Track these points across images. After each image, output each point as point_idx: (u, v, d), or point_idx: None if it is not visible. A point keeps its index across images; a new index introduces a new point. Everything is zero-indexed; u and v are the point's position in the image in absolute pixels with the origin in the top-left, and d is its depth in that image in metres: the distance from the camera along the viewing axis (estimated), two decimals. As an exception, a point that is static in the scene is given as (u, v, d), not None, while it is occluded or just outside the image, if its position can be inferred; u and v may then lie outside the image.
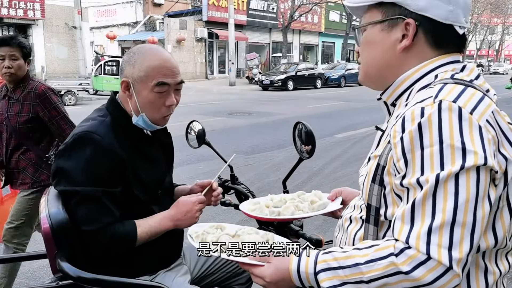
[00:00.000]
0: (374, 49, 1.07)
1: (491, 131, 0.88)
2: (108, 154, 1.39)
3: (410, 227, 0.88)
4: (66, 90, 15.52)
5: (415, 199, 0.88)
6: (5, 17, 21.39)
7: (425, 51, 1.02)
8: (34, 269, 3.30)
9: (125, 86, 1.48)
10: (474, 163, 0.84)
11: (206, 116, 11.57)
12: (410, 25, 1.00)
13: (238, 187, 1.90)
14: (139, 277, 1.49)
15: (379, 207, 1.01)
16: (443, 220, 0.85)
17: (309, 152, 1.65)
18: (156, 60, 1.47)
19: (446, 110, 0.87)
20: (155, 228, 1.46)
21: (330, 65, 30.04)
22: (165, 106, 1.49)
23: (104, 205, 1.38)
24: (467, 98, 0.90)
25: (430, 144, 0.87)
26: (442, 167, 0.86)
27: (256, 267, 1.05)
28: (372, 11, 1.07)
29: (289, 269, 1.00)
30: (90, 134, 1.39)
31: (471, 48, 54.07)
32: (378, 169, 1.00)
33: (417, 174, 0.89)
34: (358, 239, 1.08)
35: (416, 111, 0.90)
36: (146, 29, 29.11)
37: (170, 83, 1.47)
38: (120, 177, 1.42)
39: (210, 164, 6.17)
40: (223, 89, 22.74)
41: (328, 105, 15.41)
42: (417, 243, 0.86)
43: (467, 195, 0.85)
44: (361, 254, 0.92)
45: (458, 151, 0.85)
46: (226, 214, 4.11)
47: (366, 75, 1.13)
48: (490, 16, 49.80)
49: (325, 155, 7.18)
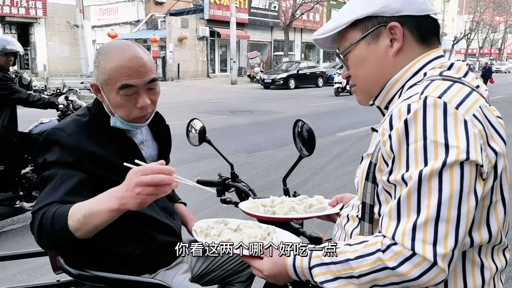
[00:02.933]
0: (367, 64, 1.08)
1: (477, 126, 0.89)
2: (72, 151, 1.35)
3: (397, 223, 0.90)
4: (68, 88, 15.53)
5: (401, 195, 0.90)
6: (7, 15, 21.44)
7: (414, 48, 1.05)
8: (34, 267, 3.30)
9: (95, 89, 1.44)
10: (456, 158, 0.85)
11: (207, 115, 11.57)
12: (396, 28, 1.02)
13: (238, 185, 1.90)
14: (139, 276, 1.48)
15: (373, 205, 1.03)
16: (427, 216, 0.86)
17: (309, 150, 1.65)
18: (118, 60, 1.36)
19: (431, 106, 0.89)
20: (93, 206, 1.17)
21: (332, 64, 29.96)
22: (137, 108, 1.41)
23: (55, 187, 1.30)
24: (453, 94, 0.91)
25: (415, 140, 0.89)
26: (425, 163, 0.87)
27: (255, 260, 1.09)
28: (348, 33, 1.09)
29: (285, 264, 1.03)
30: (57, 131, 1.39)
31: (474, 46, 53.90)
32: (370, 167, 1.02)
33: (402, 170, 0.91)
34: (355, 235, 1.10)
35: (403, 108, 0.92)
36: (147, 27, 29.10)
37: (137, 84, 1.37)
38: (85, 168, 1.35)
39: (211, 163, 6.16)
40: (224, 87, 22.73)
41: (330, 104, 15.40)
42: (403, 239, 0.88)
43: (451, 190, 0.86)
44: (351, 250, 0.95)
45: (441, 146, 0.86)
46: (227, 212, 4.12)
47: (367, 94, 1.13)
48: (492, 14, 49.63)
49: (327, 153, 7.18)
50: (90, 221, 1.17)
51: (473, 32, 47.30)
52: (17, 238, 3.91)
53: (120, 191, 1.13)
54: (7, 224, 4.23)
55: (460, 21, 56.24)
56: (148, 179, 1.08)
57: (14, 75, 15.21)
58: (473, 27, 46.79)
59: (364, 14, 1.05)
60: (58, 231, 1.20)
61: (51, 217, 1.21)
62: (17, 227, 4.15)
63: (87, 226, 1.18)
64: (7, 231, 4.08)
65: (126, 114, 1.42)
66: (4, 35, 16.37)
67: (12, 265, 3.28)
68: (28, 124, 4.25)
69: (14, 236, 3.97)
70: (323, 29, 1.13)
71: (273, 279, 1.06)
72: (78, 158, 1.35)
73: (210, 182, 1.99)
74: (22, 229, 4.11)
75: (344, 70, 1.17)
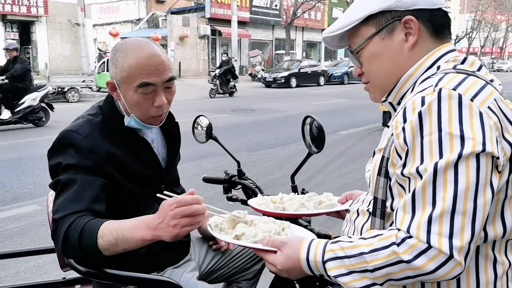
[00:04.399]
0: (382, 59, 1.07)
1: (493, 118, 0.88)
2: (88, 154, 1.34)
3: (412, 216, 0.89)
4: (70, 87, 15.52)
5: (415, 188, 0.89)
6: (9, 13, 21.45)
7: (428, 42, 1.04)
8: (39, 265, 3.30)
9: (111, 87, 1.41)
10: (472, 150, 0.84)
11: (209, 113, 11.51)
12: (411, 21, 1.01)
13: (245, 182, 1.88)
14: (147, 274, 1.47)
15: (385, 200, 1.02)
16: (443, 208, 0.85)
17: (318, 147, 1.63)
18: (138, 57, 1.34)
19: (446, 97, 0.88)
20: (125, 232, 1.19)
21: (333, 62, 29.97)
22: (154, 107, 1.39)
23: (78, 194, 1.28)
24: (468, 86, 0.90)
25: (429, 132, 0.87)
26: (440, 155, 0.86)
27: (269, 254, 1.08)
28: (360, 30, 1.07)
29: (299, 258, 1.02)
30: (72, 133, 1.36)
31: (475, 45, 53.81)
32: (383, 161, 1.01)
33: (417, 163, 0.89)
34: (365, 231, 1.09)
35: (416, 100, 0.91)
36: (149, 26, 29.09)
37: (155, 82, 1.36)
38: (101, 172, 1.35)
39: (214, 161, 6.15)
40: (226, 86, 22.70)
41: (331, 102, 15.38)
42: (418, 232, 0.86)
43: (467, 182, 0.84)
44: (365, 244, 0.93)
45: (457, 138, 0.85)
46: (233, 209, 4.07)
47: (381, 90, 1.11)
48: (494, 13, 49.50)
49: (329, 152, 7.16)
50: (121, 244, 1.21)
51: (474, 31, 47.20)
52: (19, 235, 3.91)
53: (154, 222, 1.16)
54: (10, 222, 4.23)
55: (462, 19, 56.03)
56: (183, 210, 1.12)
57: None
58: (474, 26, 46.70)
59: (377, 9, 1.04)
60: (86, 248, 1.22)
61: (79, 232, 1.22)
62: (20, 225, 4.14)
63: (117, 248, 1.22)
64: (10, 228, 4.08)
65: (143, 113, 1.40)
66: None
67: (16, 263, 3.28)
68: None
69: (17, 233, 3.96)
70: (333, 27, 1.12)
71: (286, 273, 1.05)
72: (95, 162, 1.34)
73: (216, 179, 1.97)
74: (25, 226, 4.11)
75: (355, 68, 1.15)
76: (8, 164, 6.41)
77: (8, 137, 8.56)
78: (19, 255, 1.88)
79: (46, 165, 1.42)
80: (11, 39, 21.81)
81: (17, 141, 8.13)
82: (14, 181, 5.61)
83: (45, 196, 1.71)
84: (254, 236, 1.15)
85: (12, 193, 5.16)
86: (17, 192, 5.18)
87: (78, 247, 1.22)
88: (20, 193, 5.14)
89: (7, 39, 21.90)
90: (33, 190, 5.23)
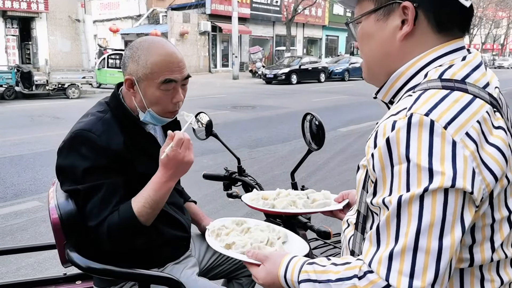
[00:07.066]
0: (372, 42, 0.97)
1: (470, 146, 0.79)
2: (105, 152, 1.36)
3: (376, 249, 0.84)
4: (70, 83, 15.52)
5: (380, 220, 0.84)
6: (9, 9, 21.39)
7: (428, 36, 0.92)
8: (40, 261, 3.31)
9: (129, 83, 1.43)
10: (440, 185, 0.77)
11: (209, 110, 11.50)
12: (408, 9, 0.90)
13: (245, 179, 1.89)
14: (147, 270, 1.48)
15: (367, 216, 0.98)
16: (404, 244, 0.79)
17: (318, 144, 1.64)
18: (161, 55, 1.40)
19: (416, 125, 0.79)
20: (154, 196, 1.35)
21: (334, 59, 29.89)
22: (172, 103, 1.45)
23: (104, 199, 1.34)
24: (444, 108, 0.81)
25: (398, 162, 0.81)
26: (408, 188, 0.79)
27: (253, 267, 1.07)
28: (363, 2, 0.98)
29: (277, 275, 1.01)
30: (86, 133, 1.37)
31: (476, 42, 53.68)
32: (366, 176, 0.95)
33: (385, 193, 0.84)
34: (351, 243, 1.06)
35: (387, 125, 0.83)
36: (149, 22, 29.04)
37: (177, 79, 1.42)
38: (119, 170, 1.39)
39: (214, 158, 6.16)
40: (226, 82, 22.69)
41: (332, 99, 15.36)
42: (378, 267, 0.81)
43: (432, 218, 0.77)
44: (334, 271, 0.90)
45: (425, 171, 0.78)
46: (232, 207, 4.10)
47: (369, 72, 1.04)
48: (495, 10, 49.38)
49: (330, 149, 7.15)
50: (155, 209, 1.36)
51: (475, 27, 47.09)
52: (20, 232, 3.92)
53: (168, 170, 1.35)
54: (11, 218, 4.24)
55: (463, 16, 55.78)
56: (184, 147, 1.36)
57: (16, 70, 15.31)
58: (475, 22, 46.58)
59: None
60: (132, 229, 1.35)
61: (122, 226, 1.33)
62: (21, 221, 4.16)
63: (155, 212, 1.37)
64: (11, 224, 4.09)
65: (162, 109, 1.45)
66: None
67: (16, 259, 3.29)
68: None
69: (17, 230, 3.97)
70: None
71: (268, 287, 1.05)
72: (112, 159, 1.37)
73: (217, 176, 1.98)
74: (25, 223, 4.12)
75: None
76: (8, 161, 6.41)
77: (9, 134, 8.57)
78: (20, 251, 1.89)
79: (47, 161, 1.43)
80: (11, 35, 21.85)
81: (17, 138, 8.13)
82: (15, 177, 5.61)
83: (46, 192, 1.71)
84: (243, 246, 1.16)
85: (13, 189, 5.17)
86: (17, 189, 5.19)
87: (124, 229, 1.33)
88: (20, 190, 5.15)
89: (7, 35, 21.92)
90: (33, 187, 5.24)
